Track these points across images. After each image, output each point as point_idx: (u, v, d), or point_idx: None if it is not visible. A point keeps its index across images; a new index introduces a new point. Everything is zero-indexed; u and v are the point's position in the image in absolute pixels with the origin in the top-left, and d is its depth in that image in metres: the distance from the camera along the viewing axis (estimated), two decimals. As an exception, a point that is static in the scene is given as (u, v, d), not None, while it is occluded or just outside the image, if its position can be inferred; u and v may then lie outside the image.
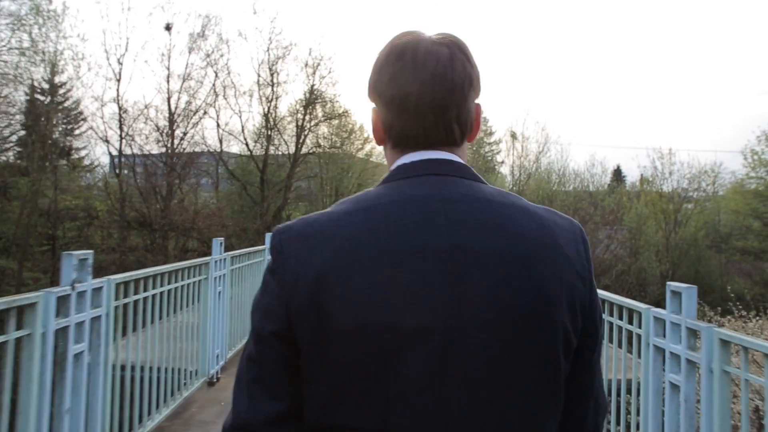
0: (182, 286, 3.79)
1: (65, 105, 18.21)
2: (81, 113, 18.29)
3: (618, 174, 18.29)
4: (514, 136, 18.15)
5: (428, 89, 0.70)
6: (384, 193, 0.70)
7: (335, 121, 23.00)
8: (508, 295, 0.64)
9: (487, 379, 0.64)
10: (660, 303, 2.54)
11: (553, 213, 0.73)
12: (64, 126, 18.21)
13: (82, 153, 18.89)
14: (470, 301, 0.64)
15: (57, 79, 17.01)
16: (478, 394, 0.63)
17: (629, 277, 13.89)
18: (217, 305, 4.54)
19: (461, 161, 0.74)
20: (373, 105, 0.77)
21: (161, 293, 3.41)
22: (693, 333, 2.09)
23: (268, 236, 6.71)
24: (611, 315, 2.79)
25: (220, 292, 4.59)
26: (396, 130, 0.74)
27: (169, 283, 3.54)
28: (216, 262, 4.47)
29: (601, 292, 2.62)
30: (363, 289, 0.63)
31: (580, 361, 0.72)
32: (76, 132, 18.47)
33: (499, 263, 0.65)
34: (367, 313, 0.63)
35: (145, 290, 3.14)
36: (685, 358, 2.10)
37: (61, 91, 17.98)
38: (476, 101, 0.76)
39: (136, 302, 3.01)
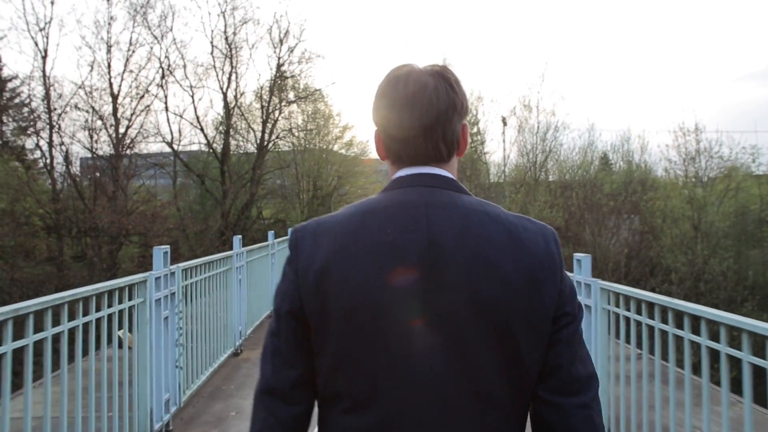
0: (97, 319, 2.97)
1: (16, 101, 16.75)
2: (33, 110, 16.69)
3: (605, 160, 17.42)
4: (504, 121, 17.08)
5: (416, 115, 0.94)
6: (381, 199, 0.96)
7: (309, 107, 21.58)
8: (474, 285, 0.87)
9: (459, 354, 0.87)
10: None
11: (524, 219, 0.96)
12: (15, 123, 16.69)
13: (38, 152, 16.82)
14: (444, 289, 0.87)
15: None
16: (449, 368, 0.87)
17: (642, 267, 13.46)
18: (164, 337, 3.86)
19: (448, 175, 0.98)
20: (375, 127, 1.03)
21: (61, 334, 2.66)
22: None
23: (237, 239, 6.39)
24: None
25: (167, 318, 3.90)
26: (393, 150, 1.00)
27: (71, 320, 2.74)
28: (157, 279, 3.73)
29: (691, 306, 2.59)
30: (357, 276, 0.88)
31: (556, 341, 0.93)
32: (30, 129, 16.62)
33: (467, 259, 0.88)
34: (358, 295, 0.87)
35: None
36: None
37: (11, 86, 16.64)
38: (462, 122, 1.00)
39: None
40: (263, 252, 7.99)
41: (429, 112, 0.94)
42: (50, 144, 16.00)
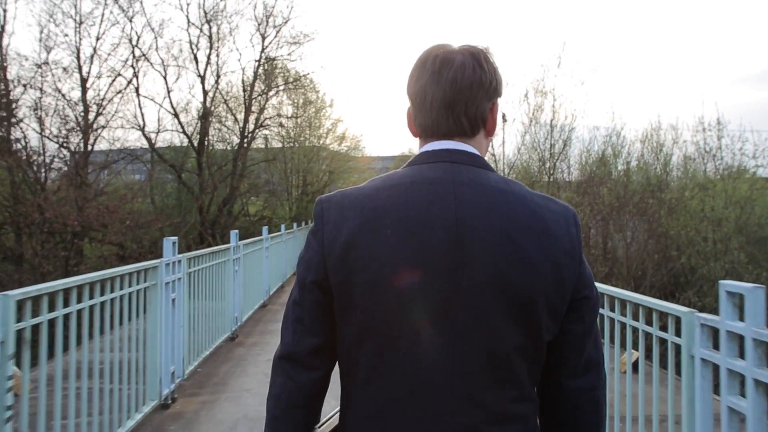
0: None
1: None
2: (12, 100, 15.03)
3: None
4: (504, 117, 15.66)
5: (440, 89, 1.01)
6: (407, 174, 1.00)
7: (300, 97, 20.81)
8: (499, 264, 0.92)
9: (480, 329, 0.92)
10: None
11: (548, 200, 1.00)
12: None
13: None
14: (468, 266, 0.91)
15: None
16: (473, 341, 0.92)
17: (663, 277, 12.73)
18: (171, 317, 3.97)
19: (474, 151, 1.03)
20: (408, 105, 1.10)
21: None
22: (763, 345, 2.00)
23: (234, 233, 7.08)
24: (635, 319, 2.85)
25: (174, 300, 4.20)
26: (418, 122, 1.06)
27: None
28: (167, 265, 3.92)
29: (623, 292, 2.92)
30: (381, 250, 0.92)
31: (575, 324, 1.00)
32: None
33: (494, 238, 0.92)
34: (383, 269, 0.92)
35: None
36: (753, 378, 1.99)
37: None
38: (492, 101, 1.05)
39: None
40: (258, 246, 8.81)
41: (453, 86, 1.00)
42: (8, 128, 14.81)
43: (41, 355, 2.62)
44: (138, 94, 17.82)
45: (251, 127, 19.36)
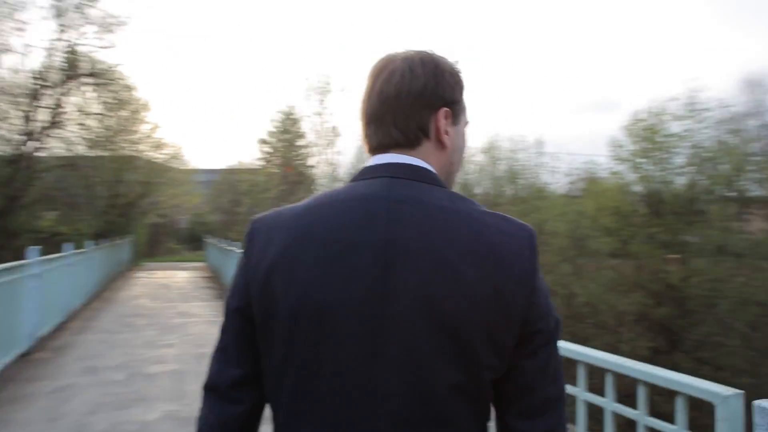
0: None
1: None
2: None
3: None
4: (335, 131, 14.82)
5: (371, 101, 0.98)
6: (342, 191, 0.94)
7: (109, 95, 18.25)
8: (431, 291, 0.84)
9: (408, 369, 0.84)
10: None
11: (501, 219, 0.91)
12: None
13: None
14: (396, 294, 0.84)
15: None
16: (400, 382, 0.84)
17: None
18: None
19: (419, 164, 0.95)
20: None
21: None
22: None
23: (34, 249, 7.57)
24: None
25: None
26: (362, 138, 1.02)
27: None
28: None
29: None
30: (303, 275, 0.86)
31: (529, 362, 0.90)
32: None
33: (427, 262, 0.85)
34: (304, 296, 0.86)
35: None
36: None
37: None
38: (434, 109, 0.97)
39: None
40: (61, 261, 8.95)
41: (379, 97, 0.97)
42: None
43: None
44: None
45: (40, 125, 16.05)
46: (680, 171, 14.50)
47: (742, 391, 1.83)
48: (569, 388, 2.39)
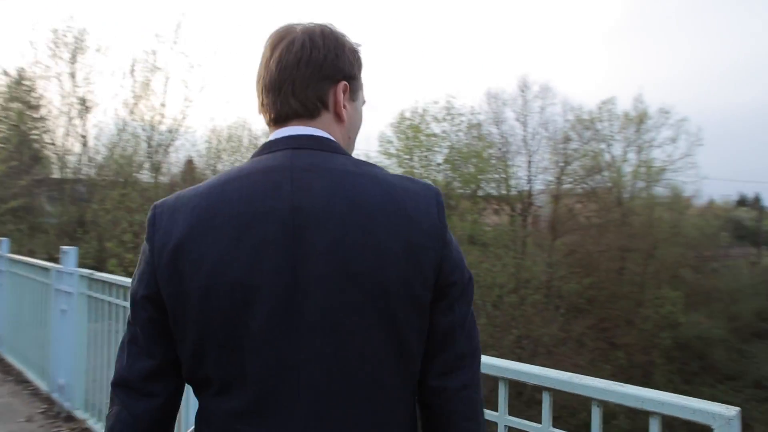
0: None
1: None
2: None
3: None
4: (85, 103, 11.73)
5: (268, 72, 0.96)
6: (245, 167, 0.92)
7: None
8: (344, 254, 0.83)
9: (329, 333, 0.83)
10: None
11: (405, 179, 0.92)
12: None
13: None
14: (308, 259, 0.83)
15: None
16: (322, 347, 0.83)
17: None
18: None
19: (320, 134, 0.95)
20: None
21: None
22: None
23: None
24: None
25: None
26: (259, 108, 1.00)
27: None
28: None
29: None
30: (213, 252, 0.84)
31: (444, 315, 0.90)
32: None
33: (337, 225, 0.84)
34: (215, 273, 0.83)
35: None
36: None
37: None
38: (333, 81, 0.97)
39: None
40: None
41: (278, 65, 0.95)
42: None
43: None
44: None
45: None
46: (439, 169, 16.12)
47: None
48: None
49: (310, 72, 0.94)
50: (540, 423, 1.41)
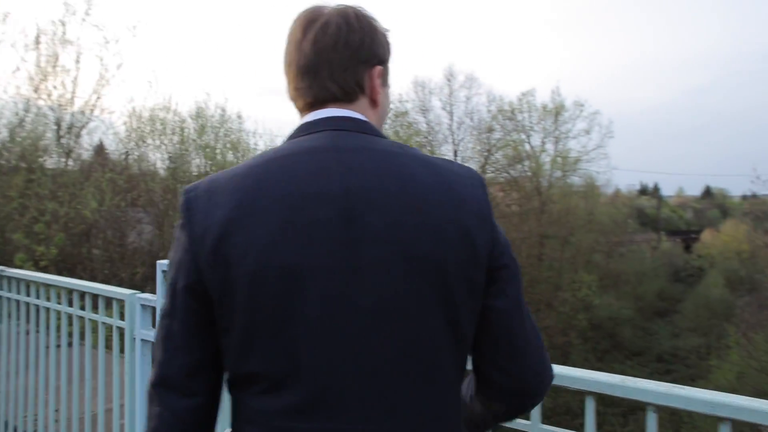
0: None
1: None
2: None
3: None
4: None
5: (302, 54, 0.92)
6: (285, 148, 0.88)
7: None
8: (401, 235, 0.80)
9: (388, 319, 0.80)
10: None
11: (450, 162, 0.91)
12: None
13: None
14: (364, 242, 0.80)
15: None
16: (381, 333, 0.80)
17: None
18: None
19: (359, 117, 0.92)
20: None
21: None
22: None
23: None
24: (72, 305, 2.77)
25: None
26: (291, 93, 0.96)
27: None
28: None
29: (56, 278, 2.86)
30: (262, 235, 0.79)
31: (492, 297, 0.87)
32: None
33: (392, 207, 0.81)
34: (265, 257, 0.79)
35: None
36: None
37: None
38: (369, 65, 0.94)
39: None
40: None
41: (313, 48, 0.92)
42: None
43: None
44: None
45: None
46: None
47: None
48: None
49: (348, 54, 0.92)
50: None
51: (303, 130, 0.91)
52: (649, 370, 16.89)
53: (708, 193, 58.77)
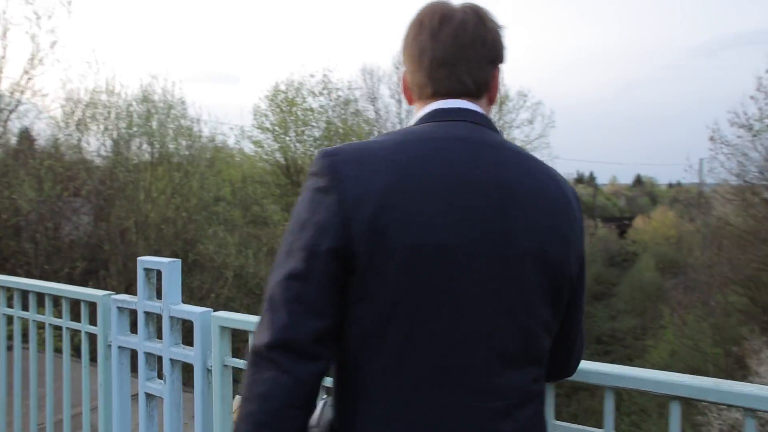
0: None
1: None
2: None
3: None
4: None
5: (440, 46, 0.94)
6: (428, 129, 0.91)
7: None
8: (539, 235, 0.87)
9: (518, 305, 0.86)
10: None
11: (557, 172, 0.96)
12: None
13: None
14: (512, 233, 0.85)
15: None
16: (507, 323, 0.86)
17: None
18: None
19: (487, 114, 0.98)
20: (404, 68, 1.02)
21: None
22: (179, 323, 1.94)
23: None
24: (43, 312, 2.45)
25: None
26: (416, 83, 0.99)
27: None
28: None
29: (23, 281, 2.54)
30: (423, 212, 0.82)
31: (572, 307, 0.97)
32: None
33: (531, 206, 0.87)
34: (426, 233, 0.81)
35: None
36: (170, 358, 1.92)
37: None
38: (495, 65, 0.99)
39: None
40: None
41: (454, 42, 0.94)
42: None
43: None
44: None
45: None
46: (317, 144, 15.61)
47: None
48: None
49: (485, 53, 0.96)
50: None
51: (438, 115, 0.94)
52: (589, 351, 17.57)
53: (639, 181, 61.94)
